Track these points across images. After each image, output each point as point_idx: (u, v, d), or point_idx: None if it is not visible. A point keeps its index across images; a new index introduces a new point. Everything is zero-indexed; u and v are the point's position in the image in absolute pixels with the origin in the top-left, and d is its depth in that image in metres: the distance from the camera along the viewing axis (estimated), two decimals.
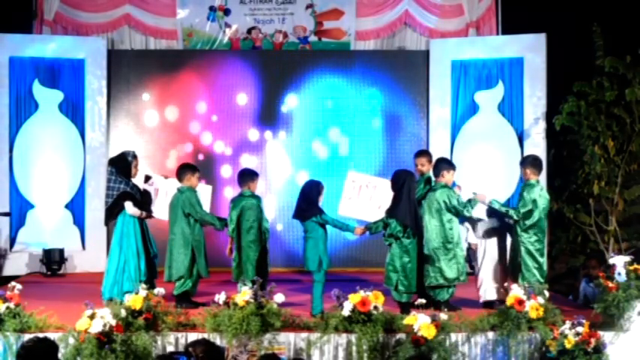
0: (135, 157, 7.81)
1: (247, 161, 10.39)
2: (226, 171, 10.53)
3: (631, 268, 6.84)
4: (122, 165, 7.73)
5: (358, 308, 6.42)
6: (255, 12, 10.79)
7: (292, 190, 10.24)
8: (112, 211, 7.72)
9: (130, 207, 7.63)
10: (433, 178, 7.77)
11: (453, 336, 6.50)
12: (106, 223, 8.11)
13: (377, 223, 7.42)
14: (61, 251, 9.87)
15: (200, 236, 7.78)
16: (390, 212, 7.28)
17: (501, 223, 7.65)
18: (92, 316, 6.21)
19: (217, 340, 6.33)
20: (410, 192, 7.27)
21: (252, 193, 7.85)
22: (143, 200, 7.80)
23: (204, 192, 7.94)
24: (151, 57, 10.76)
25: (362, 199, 7.80)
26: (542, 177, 10.01)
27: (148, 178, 8.07)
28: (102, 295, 7.59)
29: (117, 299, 7.07)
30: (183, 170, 7.92)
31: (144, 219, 7.78)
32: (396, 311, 6.93)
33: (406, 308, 7.11)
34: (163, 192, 8.08)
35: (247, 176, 7.93)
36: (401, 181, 7.31)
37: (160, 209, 8.04)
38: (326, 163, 10.56)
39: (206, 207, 8.15)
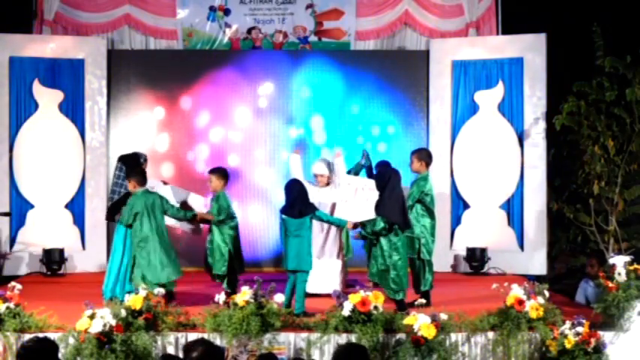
0: (146, 160, 7.87)
1: (249, 159, 10.39)
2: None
3: (631, 268, 6.84)
4: (133, 166, 7.73)
5: (358, 308, 6.42)
6: (255, 12, 10.78)
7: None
8: (116, 208, 7.72)
9: None
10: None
11: (453, 336, 6.49)
12: (107, 218, 8.08)
13: (371, 220, 7.37)
14: (61, 251, 9.85)
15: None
16: (377, 209, 7.22)
17: None
18: (92, 316, 6.21)
19: (217, 340, 6.34)
20: (395, 188, 7.23)
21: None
22: None
23: (166, 193, 7.82)
24: (151, 57, 10.75)
25: (358, 201, 7.78)
26: (543, 177, 10.12)
27: None
28: (103, 295, 7.59)
29: (118, 299, 7.08)
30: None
31: None
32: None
33: (402, 305, 7.10)
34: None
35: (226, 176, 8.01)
36: (386, 179, 7.27)
37: None
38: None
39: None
